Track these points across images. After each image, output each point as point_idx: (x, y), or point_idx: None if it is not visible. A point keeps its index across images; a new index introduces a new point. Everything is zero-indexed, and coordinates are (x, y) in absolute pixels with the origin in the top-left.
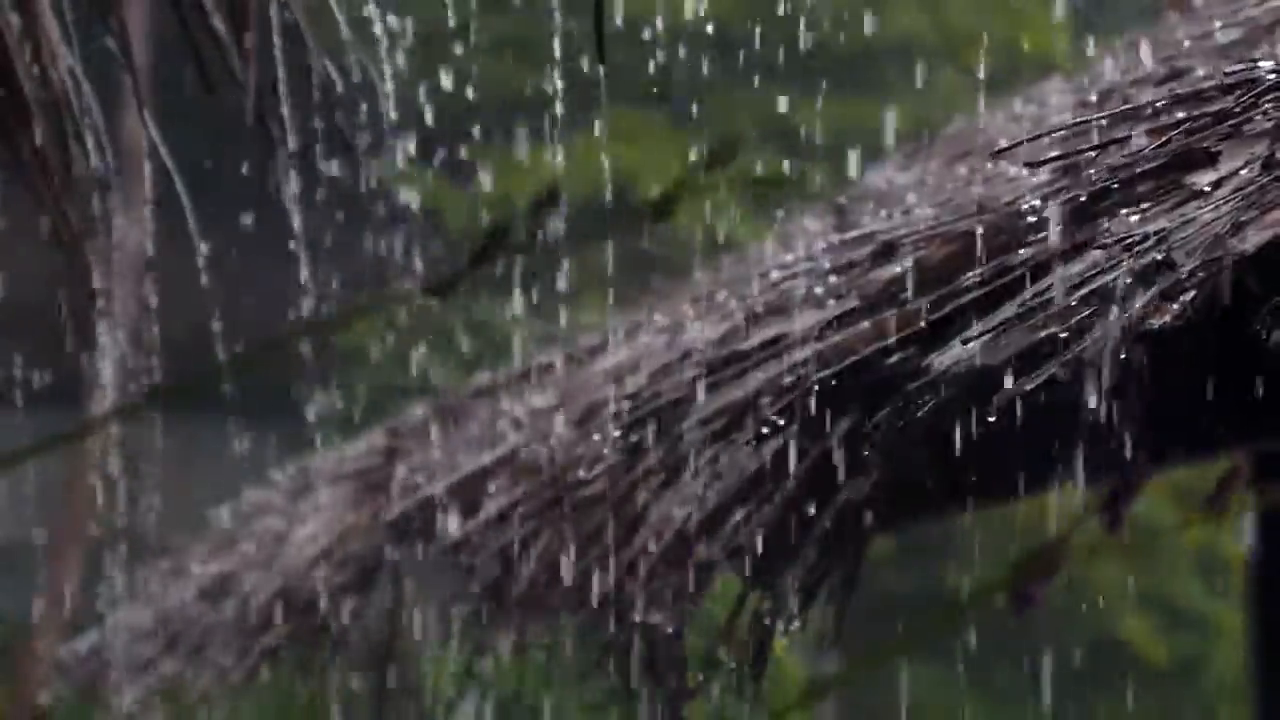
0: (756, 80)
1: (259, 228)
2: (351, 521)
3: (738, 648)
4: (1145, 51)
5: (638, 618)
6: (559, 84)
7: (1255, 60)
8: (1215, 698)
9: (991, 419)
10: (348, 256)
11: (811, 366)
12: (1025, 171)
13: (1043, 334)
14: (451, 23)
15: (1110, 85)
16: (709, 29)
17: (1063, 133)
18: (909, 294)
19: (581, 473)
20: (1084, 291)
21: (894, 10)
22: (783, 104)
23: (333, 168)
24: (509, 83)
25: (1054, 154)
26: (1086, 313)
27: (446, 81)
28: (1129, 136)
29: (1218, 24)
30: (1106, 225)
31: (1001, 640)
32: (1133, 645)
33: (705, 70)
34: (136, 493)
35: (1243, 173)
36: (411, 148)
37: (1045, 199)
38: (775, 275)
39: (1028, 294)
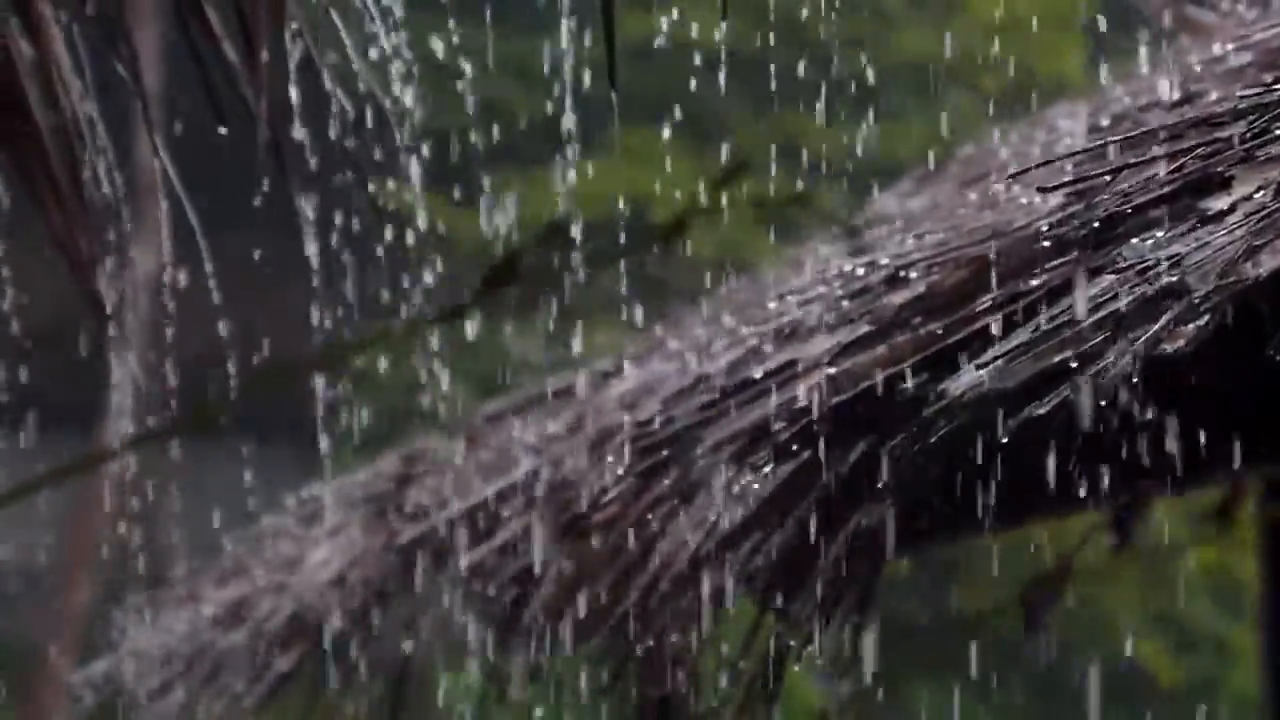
0: (770, 102)
1: (272, 253)
2: (365, 547)
3: (753, 672)
4: (1158, 76)
5: (653, 643)
6: (571, 106)
7: (1268, 84)
8: (1229, 718)
9: (1005, 444)
10: (360, 280)
11: (825, 391)
12: (1038, 196)
13: (1056, 359)
14: (464, 46)
15: (1123, 109)
16: (722, 51)
17: (1076, 157)
18: (922, 319)
19: (595, 497)
20: (1097, 316)
21: (908, 33)
22: (796, 126)
23: (346, 192)
24: (521, 105)
25: (1067, 178)
26: (1100, 338)
27: (459, 105)
28: (1142, 161)
29: (1230, 48)
30: (1120, 250)
31: (1015, 662)
32: (1146, 667)
33: (719, 92)
34: (149, 517)
35: (1256, 197)
36: (423, 171)
37: (1058, 223)
38: (788, 300)
39: (1041, 319)
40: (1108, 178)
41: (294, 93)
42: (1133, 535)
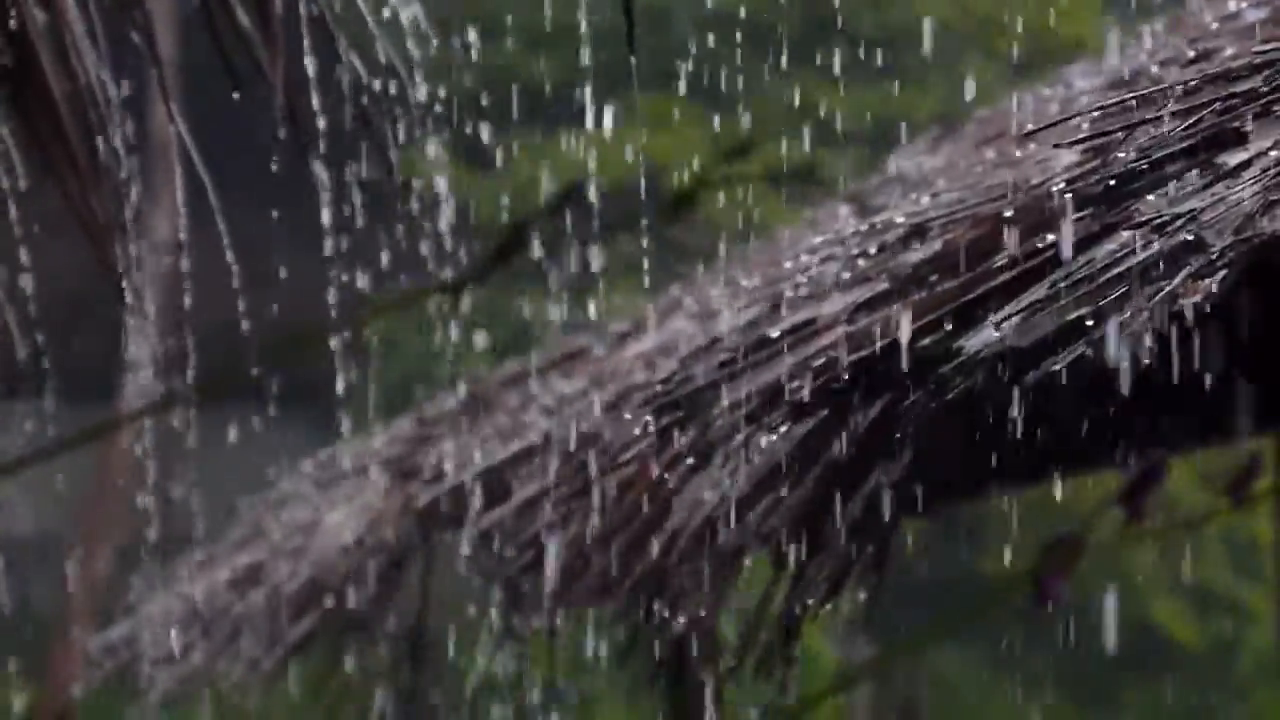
0: (786, 65)
1: (289, 219)
2: (381, 510)
3: (769, 632)
4: (1174, 32)
5: (669, 603)
6: (588, 71)
7: None
8: (1248, 680)
9: (1022, 402)
10: (376, 246)
11: (841, 351)
12: (1055, 153)
13: (1072, 316)
14: (480, 13)
15: (1139, 66)
16: (740, 14)
17: (1092, 114)
18: (939, 276)
19: (613, 458)
20: (1114, 273)
21: None
22: (812, 89)
23: (361, 159)
24: (538, 71)
25: (1083, 135)
26: (1116, 294)
27: (476, 71)
28: (1158, 117)
29: (1246, 4)
30: (1136, 206)
31: (1033, 624)
32: (1165, 629)
33: (734, 56)
34: (166, 483)
35: (1272, 153)
36: (440, 137)
37: (1075, 180)
38: (805, 259)
39: (1057, 276)
40: (1124, 134)
41: (309, 59)
42: (1147, 505)
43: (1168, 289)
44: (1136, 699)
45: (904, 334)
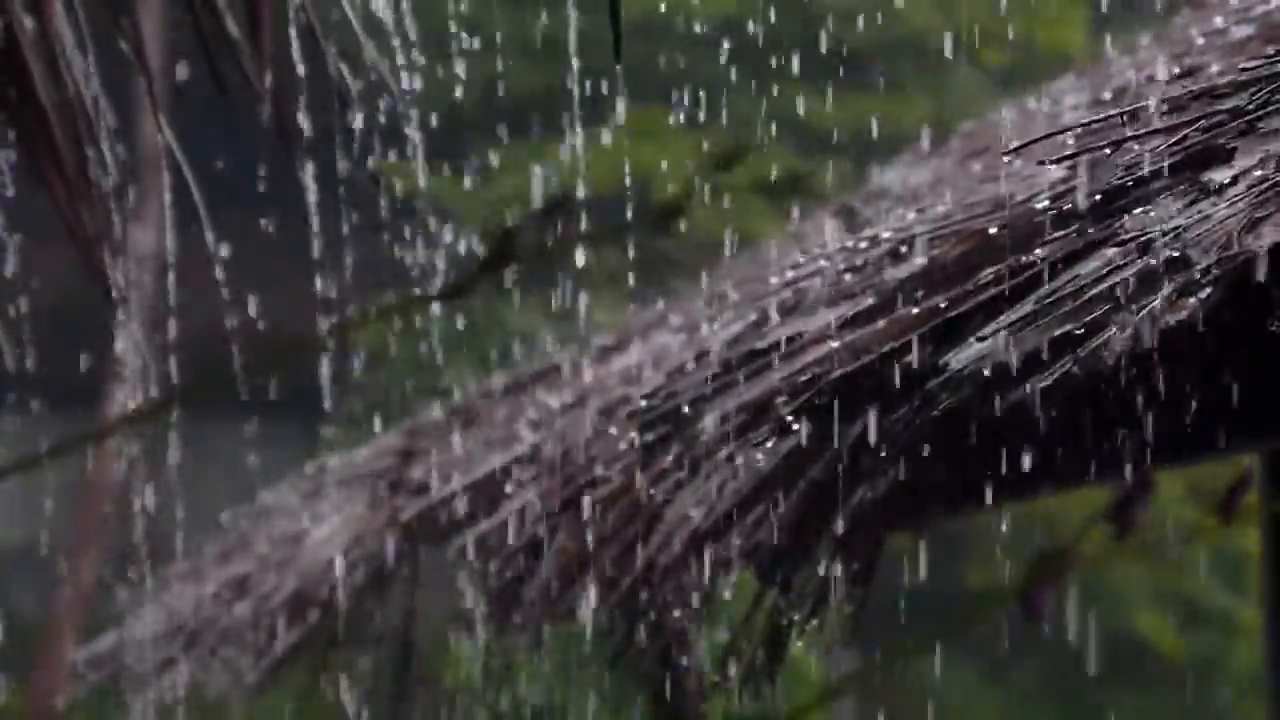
0: (772, 77)
1: (276, 229)
2: (368, 523)
3: (754, 645)
4: (1160, 48)
5: (655, 616)
6: (575, 83)
7: (1270, 56)
8: (1234, 695)
9: (1008, 417)
10: (363, 256)
11: (827, 365)
12: (1040, 168)
13: (1058, 332)
14: (468, 22)
15: (1125, 82)
16: (724, 26)
17: (1078, 130)
18: (925, 292)
19: (598, 471)
20: (1099, 289)
21: (910, 7)
22: (799, 102)
23: (349, 169)
24: (525, 82)
25: (1069, 151)
26: (1102, 310)
27: (463, 81)
28: (1144, 133)
29: (1232, 21)
30: (1121, 223)
31: (1020, 637)
32: (1151, 642)
33: (721, 67)
34: (153, 493)
35: (1258, 170)
36: (427, 146)
37: (1060, 196)
38: (791, 274)
39: (1043, 292)
40: (1110, 150)
41: (298, 69)
42: (1135, 522)
43: (1152, 306)
44: (1123, 713)
45: (890, 349)
